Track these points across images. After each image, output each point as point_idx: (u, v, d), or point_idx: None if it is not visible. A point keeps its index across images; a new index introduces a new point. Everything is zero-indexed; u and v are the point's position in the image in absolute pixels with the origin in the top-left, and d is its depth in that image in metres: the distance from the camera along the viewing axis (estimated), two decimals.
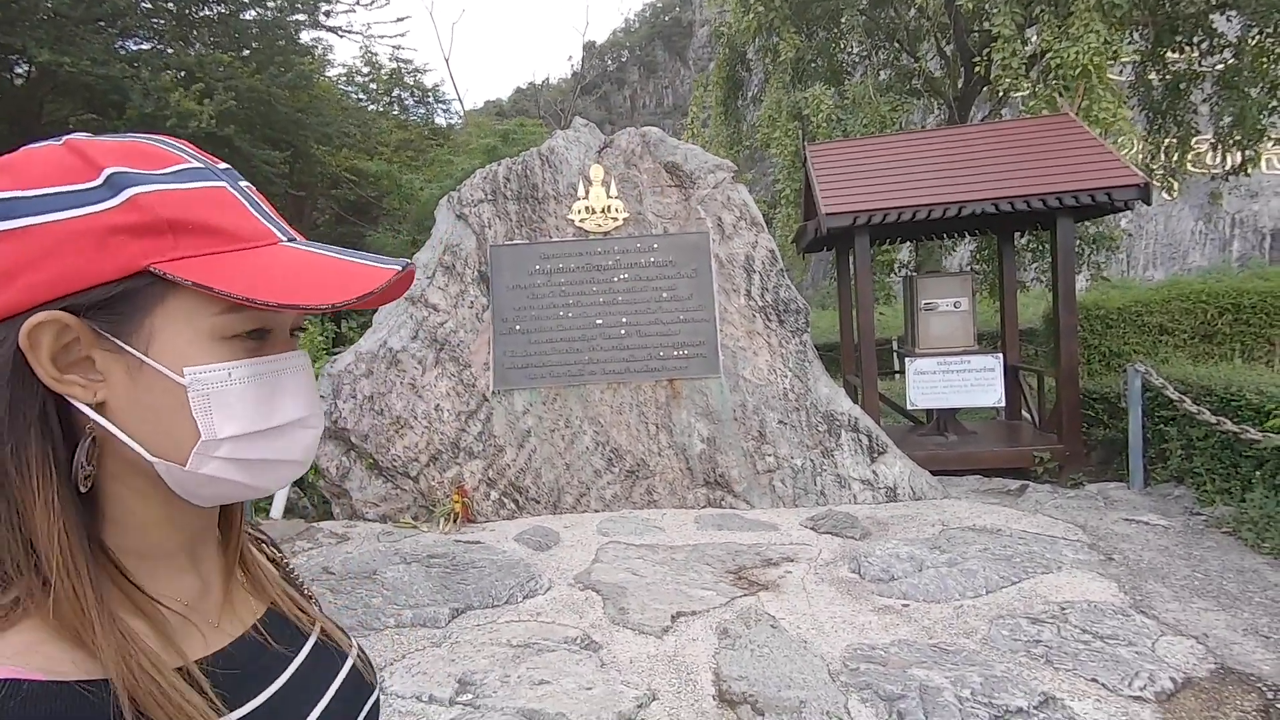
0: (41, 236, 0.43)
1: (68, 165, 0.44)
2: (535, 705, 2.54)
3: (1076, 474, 5.42)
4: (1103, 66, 8.00)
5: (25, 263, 0.43)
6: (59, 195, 0.44)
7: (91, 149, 0.45)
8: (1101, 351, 7.40)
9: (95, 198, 0.44)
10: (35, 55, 8.20)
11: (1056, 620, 3.05)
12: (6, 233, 0.43)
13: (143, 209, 0.45)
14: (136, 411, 0.46)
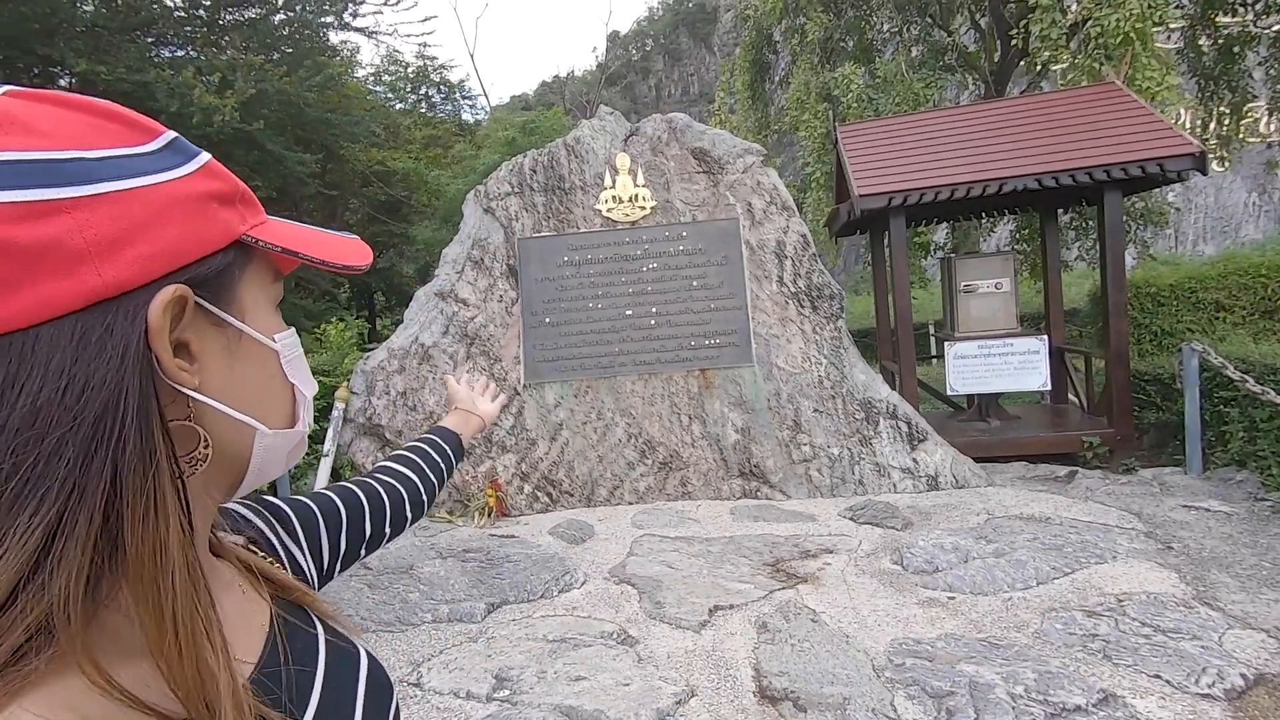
0: (138, 203, 0.38)
1: (98, 126, 0.38)
2: (573, 701, 2.50)
3: (1129, 459, 5.20)
4: (1147, 33, 7.63)
5: (130, 231, 0.37)
6: (128, 159, 0.38)
7: (102, 107, 0.39)
8: (1152, 331, 7.07)
9: (167, 162, 0.40)
10: (74, 65, 8.42)
11: (1114, 613, 2.91)
12: (97, 198, 0.36)
13: (221, 176, 0.42)
14: (234, 389, 0.43)
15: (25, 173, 0.34)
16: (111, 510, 0.35)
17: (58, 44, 8.46)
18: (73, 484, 0.34)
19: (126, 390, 0.36)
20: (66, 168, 0.36)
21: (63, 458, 0.34)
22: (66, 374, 0.35)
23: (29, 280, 0.34)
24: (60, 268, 0.35)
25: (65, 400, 0.35)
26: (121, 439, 0.36)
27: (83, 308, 0.36)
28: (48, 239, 0.35)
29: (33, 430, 0.34)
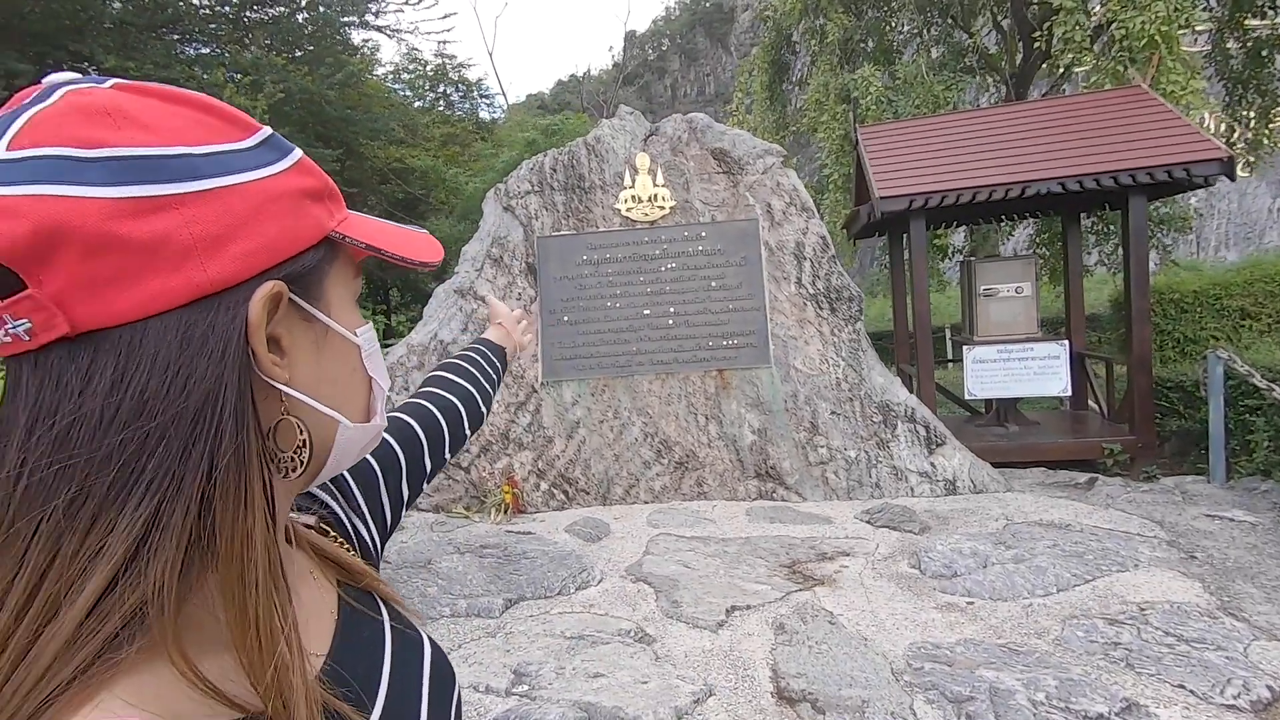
0: (239, 199, 0.38)
1: (201, 122, 0.38)
2: (591, 698, 2.52)
3: (1150, 467, 5.14)
4: (1173, 36, 7.53)
5: (233, 228, 0.37)
6: (231, 155, 0.39)
7: (202, 101, 0.40)
8: (1175, 338, 7.00)
9: (265, 158, 0.40)
10: (102, 62, 8.56)
11: (1136, 621, 2.88)
12: (202, 194, 0.36)
13: (313, 172, 0.43)
14: (320, 383, 0.44)
15: (138, 169, 0.35)
16: (205, 503, 0.36)
17: (87, 40, 8.60)
18: (173, 476, 0.35)
19: (226, 385, 0.37)
20: (175, 164, 0.36)
21: (166, 450, 0.35)
22: (171, 368, 0.35)
23: (139, 275, 0.35)
24: (169, 263, 0.35)
25: (170, 394, 0.35)
26: (220, 432, 0.36)
27: (187, 303, 0.36)
28: (158, 234, 0.35)
29: (138, 423, 0.35)
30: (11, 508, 0.34)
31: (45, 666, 0.32)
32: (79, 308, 0.34)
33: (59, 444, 0.34)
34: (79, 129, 0.34)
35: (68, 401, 0.34)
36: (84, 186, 0.33)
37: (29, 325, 0.34)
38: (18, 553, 0.33)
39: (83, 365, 0.35)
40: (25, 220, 0.32)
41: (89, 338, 0.35)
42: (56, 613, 0.32)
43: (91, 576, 0.33)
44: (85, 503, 0.34)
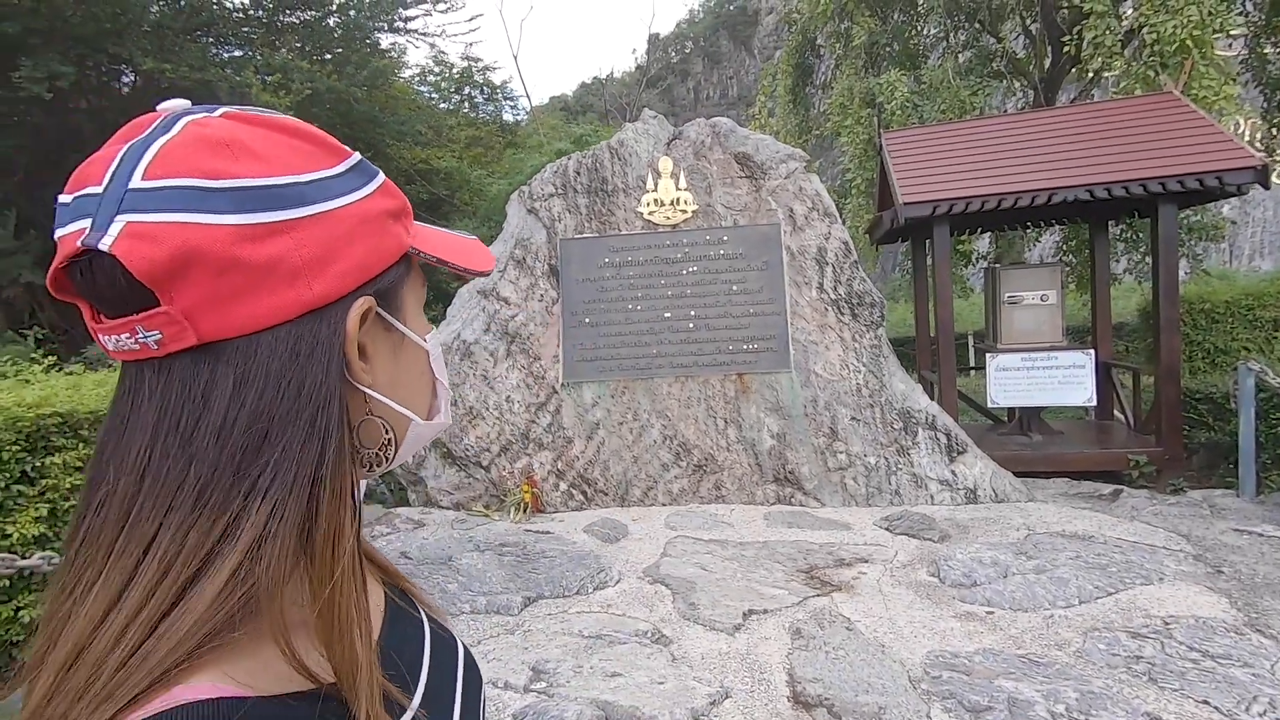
0: (338, 222, 0.42)
1: (303, 150, 0.42)
2: (608, 697, 2.55)
3: (1177, 479, 5.06)
4: (1206, 40, 7.40)
5: (333, 249, 0.41)
6: (329, 180, 0.42)
7: (302, 129, 0.43)
8: (1205, 348, 6.86)
9: (355, 183, 0.44)
10: (141, 64, 8.79)
11: (1160, 635, 2.85)
12: (308, 219, 0.40)
13: (394, 194, 0.47)
14: (395, 385, 0.47)
15: (257, 198, 0.39)
16: (313, 498, 0.39)
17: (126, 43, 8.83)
18: (290, 474, 0.39)
19: (330, 390, 0.41)
20: (286, 192, 0.40)
21: (283, 448, 0.39)
22: (285, 375, 0.40)
23: (257, 292, 0.39)
24: (281, 282, 0.39)
25: (284, 399, 0.39)
26: (328, 432, 0.40)
27: (295, 317, 0.40)
28: (274, 256, 0.39)
29: (258, 424, 0.39)
30: (141, 497, 0.38)
31: (178, 639, 0.35)
32: (205, 322, 0.38)
33: (185, 442, 0.38)
34: (204, 161, 0.38)
35: (191, 404, 0.38)
36: (213, 214, 0.37)
37: (160, 336, 0.38)
38: (145, 536, 0.37)
39: (205, 372, 0.39)
40: (165, 245, 0.36)
41: (210, 348, 0.39)
42: (185, 591, 0.36)
43: (225, 560, 0.37)
44: (212, 495, 0.38)
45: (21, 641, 3.02)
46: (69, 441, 3.14)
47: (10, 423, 2.97)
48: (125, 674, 0.34)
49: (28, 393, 3.21)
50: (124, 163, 0.38)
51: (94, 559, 0.38)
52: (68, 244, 0.37)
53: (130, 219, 0.36)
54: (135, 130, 0.40)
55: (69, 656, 0.35)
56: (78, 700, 0.34)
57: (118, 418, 0.40)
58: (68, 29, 8.47)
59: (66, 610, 0.37)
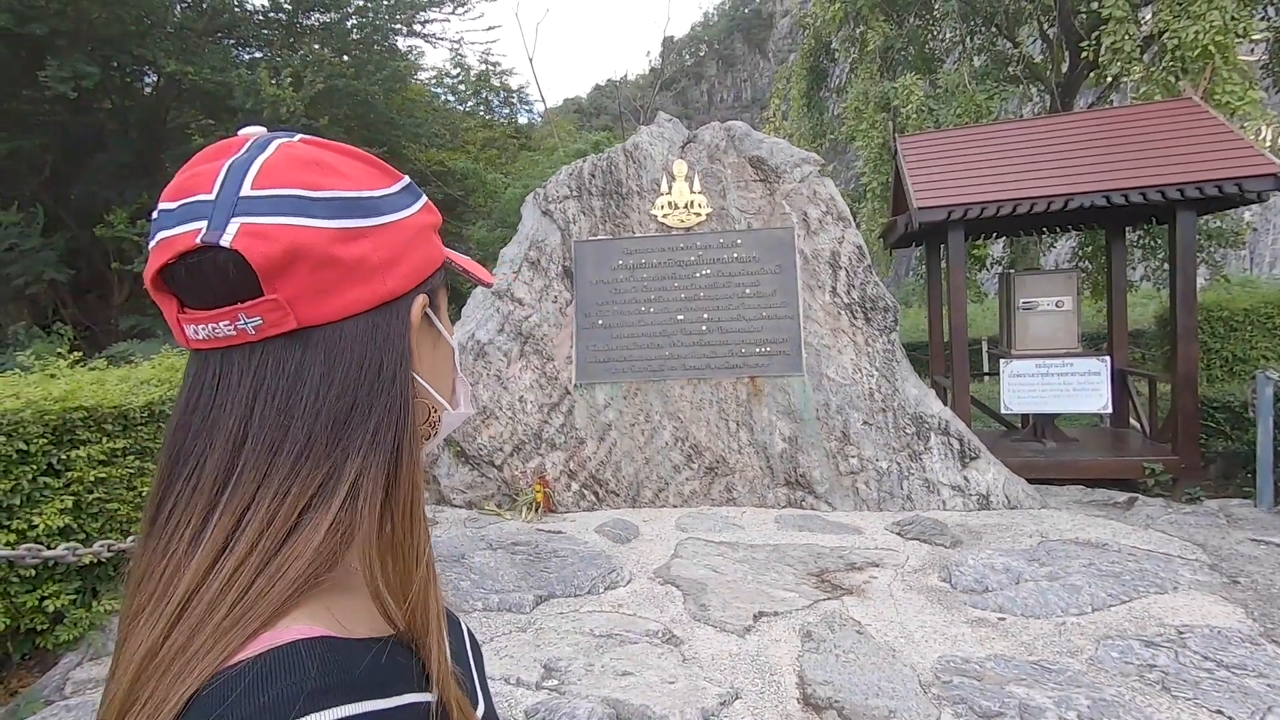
0: (402, 231, 0.49)
1: (370, 171, 0.49)
2: (619, 695, 2.57)
3: (1193, 488, 5.01)
4: (1228, 45, 7.33)
5: (400, 252, 0.48)
6: (392, 196, 0.49)
7: (362, 155, 0.50)
8: (1223, 356, 6.80)
9: (409, 199, 0.51)
10: (164, 66, 8.92)
11: (1173, 645, 2.83)
12: (383, 226, 0.47)
13: (434, 212, 0.54)
14: (432, 375, 0.54)
15: (347, 207, 0.46)
16: (395, 457, 0.46)
17: (149, 45, 8.97)
18: (376, 438, 0.45)
19: (401, 370, 0.47)
20: (366, 203, 0.47)
21: (367, 417, 0.45)
22: (367, 358, 0.46)
23: (345, 286, 0.45)
24: (363, 278, 0.46)
25: (365, 376, 0.46)
26: (403, 405, 0.47)
27: (372, 308, 0.47)
28: (359, 256, 0.46)
29: (345, 397, 0.45)
30: (241, 462, 0.43)
31: (290, 578, 0.40)
32: (304, 309, 0.44)
33: (281, 413, 0.44)
34: (302, 175, 0.45)
35: (286, 381, 0.44)
36: (314, 219, 0.44)
37: (260, 322, 0.43)
38: (247, 495, 0.42)
39: (296, 354, 0.45)
40: (277, 243, 0.42)
41: (301, 333, 0.45)
42: (288, 538, 0.41)
43: (327, 509, 0.42)
44: (308, 458, 0.43)
45: (45, 630, 3.09)
46: (94, 435, 3.20)
47: (38, 416, 3.03)
48: (242, 609, 0.39)
49: (54, 387, 3.28)
50: (231, 175, 0.44)
51: (190, 520, 0.42)
52: (180, 242, 0.43)
53: (245, 221, 0.42)
54: (226, 150, 0.46)
55: (181, 600, 0.40)
56: (195, 635, 0.39)
57: (201, 399, 0.45)
58: (93, 30, 8.62)
59: (164, 566, 0.42)
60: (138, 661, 0.39)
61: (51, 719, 2.63)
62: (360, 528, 0.43)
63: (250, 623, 0.39)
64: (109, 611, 3.23)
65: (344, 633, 0.42)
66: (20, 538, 2.94)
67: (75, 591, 3.14)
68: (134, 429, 3.37)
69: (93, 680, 2.96)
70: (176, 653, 0.38)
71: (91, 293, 10.62)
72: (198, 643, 0.38)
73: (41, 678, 3.05)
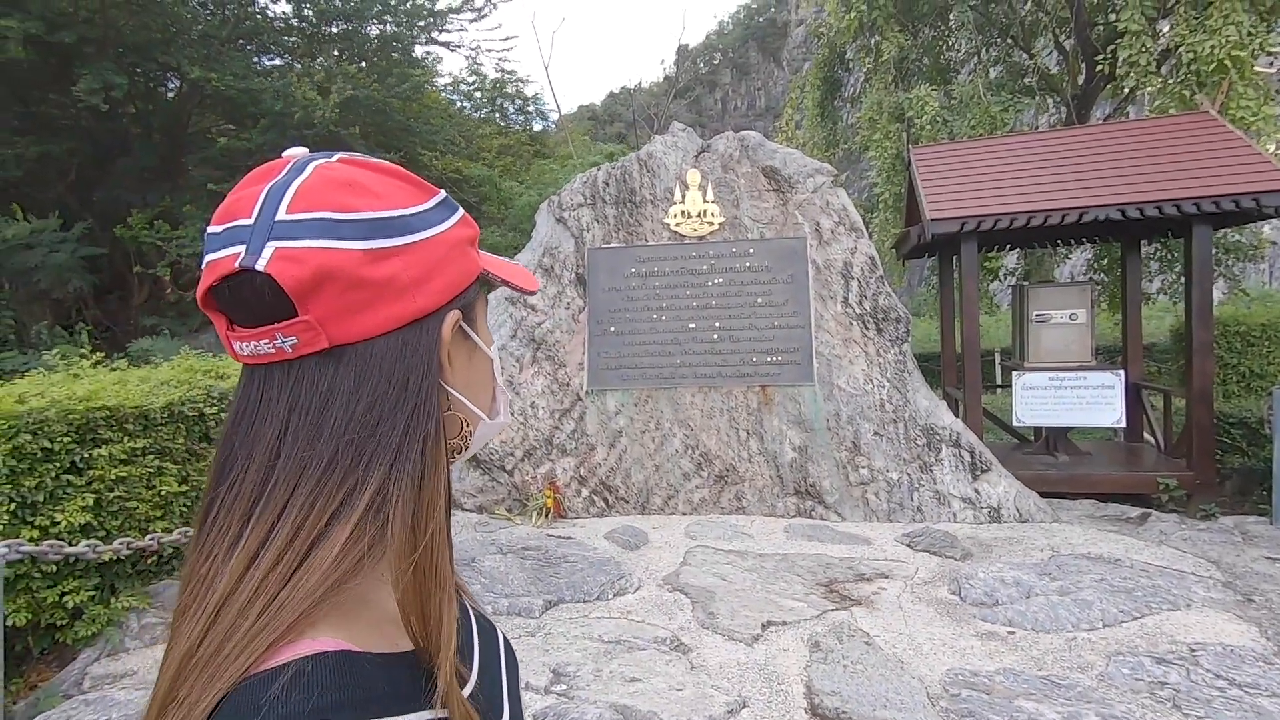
0: (434, 247, 0.49)
1: (404, 189, 0.50)
2: (627, 701, 2.58)
3: (1208, 505, 4.96)
4: (1245, 60, 7.30)
5: (432, 269, 0.49)
6: (426, 213, 0.50)
7: (400, 172, 0.52)
8: (1240, 371, 6.73)
9: (444, 215, 0.52)
10: (188, 72, 9.09)
11: (1185, 662, 2.81)
12: (414, 245, 0.48)
13: (471, 225, 0.54)
14: (467, 386, 0.55)
15: (377, 228, 0.46)
16: (419, 470, 0.47)
17: (174, 53, 9.15)
18: (399, 452, 0.46)
19: (429, 386, 0.48)
20: (396, 223, 0.47)
21: (393, 432, 0.46)
22: (395, 373, 0.47)
23: (375, 305, 0.46)
24: (394, 296, 0.47)
25: (394, 392, 0.47)
26: (428, 420, 0.48)
27: (403, 326, 0.48)
28: (389, 275, 0.46)
29: (373, 413, 0.46)
30: (275, 474, 0.45)
31: (309, 588, 0.42)
32: (335, 328, 0.45)
33: (313, 427, 0.45)
34: (335, 197, 0.46)
35: (319, 397, 0.46)
36: (344, 241, 0.45)
37: (295, 341, 0.45)
38: (279, 504, 0.44)
39: (329, 371, 0.46)
40: (308, 266, 0.44)
41: (334, 351, 0.46)
42: (314, 547, 0.43)
43: (348, 519, 0.44)
44: (336, 469, 0.45)
45: (65, 625, 3.15)
46: (115, 434, 3.27)
47: (62, 415, 3.10)
48: (268, 617, 0.41)
49: (78, 387, 3.35)
50: (269, 199, 0.46)
51: (230, 527, 0.45)
52: (222, 265, 0.45)
53: (279, 245, 0.44)
54: (269, 173, 0.48)
55: (217, 604, 0.42)
56: (227, 640, 0.41)
57: (247, 410, 0.47)
58: (120, 38, 8.80)
59: (207, 569, 0.44)
60: (178, 660, 0.41)
61: (71, 713, 2.69)
62: (384, 540, 0.44)
63: (275, 630, 0.40)
64: (127, 609, 3.28)
65: (364, 646, 0.43)
66: (43, 534, 3.01)
67: (94, 588, 3.20)
68: (154, 429, 3.43)
69: (110, 676, 3.02)
70: (210, 655, 0.40)
71: (112, 294, 10.80)
72: (228, 648, 0.40)
73: (60, 672, 3.10)
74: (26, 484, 3.00)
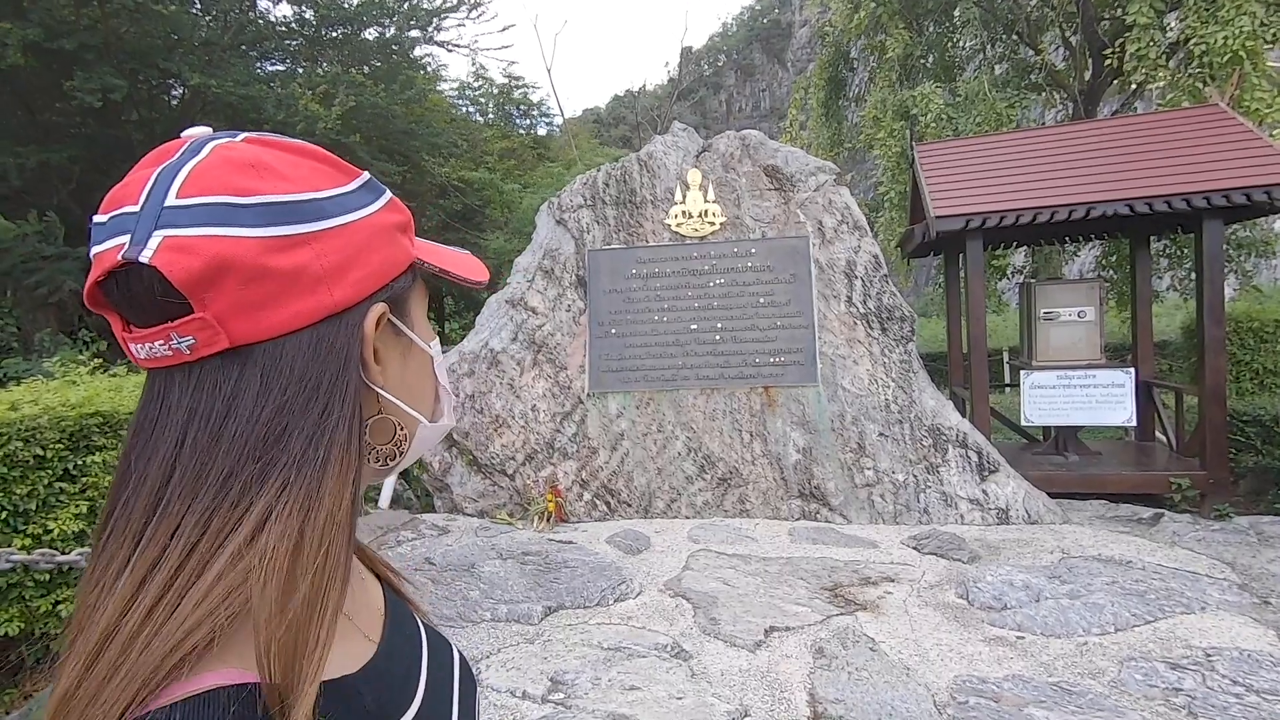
0: (354, 234, 0.45)
1: (320, 170, 0.45)
2: (625, 710, 2.53)
3: (1222, 505, 4.86)
4: (1258, 51, 7.18)
5: (351, 258, 0.44)
6: (344, 196, 0.45)
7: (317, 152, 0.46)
8: (1254, 369, 6.61)
9: (366, 199, 0.47)
10: (189, 79, 9.11)
11: (1200, 667, 2.73)
12: (328, 231, 0.43)
13: (400, 209, 0.50)
14: (401, 387, 0.50)
15: (281, 212, 0.42)
16: (319, 479, 0.42)
17: (175, 59, 9.18)
18: (302, 458, 0.41)
19: (346, 387, 0.44)
20: (307, 207, 0.43)
21: (299, 439, 0.41)
22: (307, 374, 0.42)
23: (283, 299, 0.42)
24: (305, 288, 0.42)
25: (304, 394, 0.42)
26: (339, 425, 0.43)
27: (317, 321, 0.43)
28: (298, 265, 0.42)
29: (278, 418, 0.41)
30: (169, 489, 0.40)
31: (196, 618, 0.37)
32: (237, 326, 0.41)
33: (213, 437, 0.40)
34: (233, 179, 0.41)
35: (221, 403, 0.41)
36: (242, 228, 0.40)
37: (193, 341, 0.40)
38: (171, 524, 0.39)
39: (233, 374, 0.41)
40: (199, 256, 0.39)
41: (239, 351, 0.41)
42: (202, 575, 0.38)
43: (236, 536, 0.39)
44: (235, 483, 0.40)
45: (59, 635, 3.12)
46: (109, 441, 3.24)
47: (55, 422, 3.08)
48: (148, 655, 0.36)
49: (72, 393, 3.33)
50: (158, 183, 0.41)
51: (121, 549, 0.40)
52: (106, 259, 0.40)
53: (167, 234, 0.39)
54: (164, 155, 0.43)
55: (100, 639, 0.37)
56: (107, 682, 0.36)
57: (146, 420, 0.42)
58: (121, 45, 8.83)
59: (94, 598, 0.39)
60: (54, 706, 0.37)
61: None
62: (263, 562, 0.38)
63: (163, 667, 0.36)
64: None
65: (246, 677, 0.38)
66: (36, 542, 2.98)
67: None
68: None
69: None
70: (89, 700, 0.35)
71: None
72: (109, 690, 0.35)
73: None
74: (18, 491, 2.97)
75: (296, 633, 0.39)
